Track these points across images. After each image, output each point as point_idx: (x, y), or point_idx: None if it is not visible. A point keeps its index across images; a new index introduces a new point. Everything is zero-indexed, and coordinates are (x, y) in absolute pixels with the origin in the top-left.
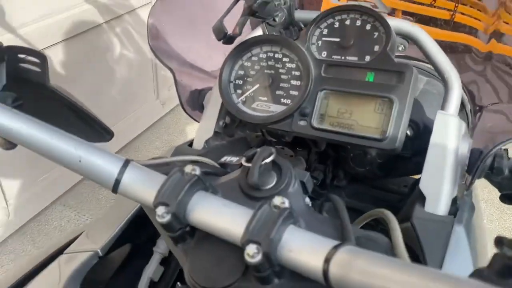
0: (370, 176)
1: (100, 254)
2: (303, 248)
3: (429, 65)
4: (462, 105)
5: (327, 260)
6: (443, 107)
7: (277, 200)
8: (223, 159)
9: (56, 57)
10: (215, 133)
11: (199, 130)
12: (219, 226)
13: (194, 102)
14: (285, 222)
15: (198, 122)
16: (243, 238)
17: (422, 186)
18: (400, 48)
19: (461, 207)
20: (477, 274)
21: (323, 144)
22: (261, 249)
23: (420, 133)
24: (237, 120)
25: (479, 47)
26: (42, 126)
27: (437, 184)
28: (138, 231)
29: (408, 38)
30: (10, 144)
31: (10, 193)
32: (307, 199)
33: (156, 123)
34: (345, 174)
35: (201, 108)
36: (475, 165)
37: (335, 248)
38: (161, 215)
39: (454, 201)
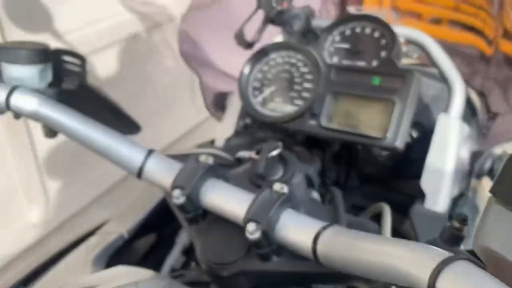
0: (381, 178)
1: (126, 236)
2: (297, 229)
3: None
4: (474, 111)
5: (315, 239)
6: (446, 109)
7: (277, 186)
8: (238, 155)
9: (97, 63)
10: (235, 132)
11: (220, 129)
12: (226, 209)
13: (218, 103)
14: (283, 205)
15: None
16: (245, 218)
17: (423, 183)
18: (415, 56)
19: (460, 206)
20: (430, 242)
21: (336, 145)
22: (260, 227)
23: (428, 136)
24: (258, 121)
25: (485, 49)
26: (80, 117)
27: (437, 182)
28: (162, 223)
29: (416, 45)
30: (52, 133)
31: (52, 192)
32: (315, 194)
33: (192, 129)
34: (358, 175)
35: (223, 108)
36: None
37: (324, 228)
38: (177, 196)
39: (455, 201)
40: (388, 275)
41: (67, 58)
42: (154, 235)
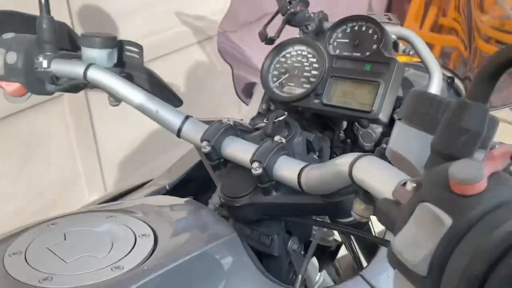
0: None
1: (167, 188)
2: (288, 167)
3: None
4: (459, 94)
5: (299, 173)
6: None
7: (277, 138)
8: (256, 125)
9: (155, 70)
10: (258, 113)
11: (247, 111)
12: (239, 157)
13: (247, 91)
14: (279, 151)
15: None
16: (251, 159)
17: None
18: (408, 51)
19: None
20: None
21: (341, 124)
22: (261, 166)
23: None
24: (275, 102)
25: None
26: (137, 89)
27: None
28: (197, 187)
29: (404, 40)
30: (117, 101)
31: (109, 182)
32: (315, 156)
33: None
34: (361, 151)
35: (251, 96)
36: None
37: (305, 166)
38: (204, 147)
39: None
40: (337, 179)
41: (128, 46)
42: (190, 198)
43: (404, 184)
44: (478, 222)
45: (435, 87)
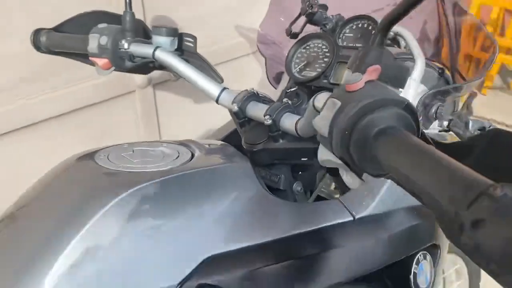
0: None
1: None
2: (289, 119)
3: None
4: (448, 82)
5: (296, 123)
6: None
7: (284, 100)
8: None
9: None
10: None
11: (275, 93)
12: (257, 114)
13: (277, 78)
14: (285, 109)
15: None
16: (264, 113)
17: None
18: (403, 45)
19: None
20: None
21: None
22: (271, 118)
23: None
24: (296, 83)
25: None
26: (190, 67)
27: None
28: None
29: (396, 34)
30: (176, 77)
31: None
32: None
33: None
34: None
35: (279, 82)
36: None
37: (300, 118)
38: (233, 107)
39: None
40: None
41: (186, 37)
42: None
43: None
44: (351, 103)
45: (418, 71)
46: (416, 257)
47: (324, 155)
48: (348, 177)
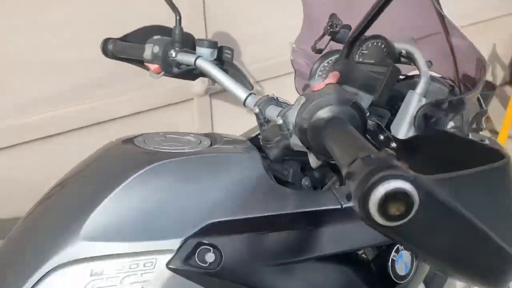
0: None
1: None
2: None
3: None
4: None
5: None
6: (414, 88)
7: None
8: None
9: (268, 88)
10: None
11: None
12: (273, 115)
13: (304, 88)
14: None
15: None
16: (278, 115)
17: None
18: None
19: None
20: None
21: None
22: (282, 119)
23: None
24: None
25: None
26: (225, 75)
27: (399, 129)
28: None
29: (406, 50)
30: (213, 83)
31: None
32: None
33: None
34: None
35: None
36: None
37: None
38: (255, 109)
39: None
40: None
41: (225, 50)
42: None
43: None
44: (311, 99)
45: (421, 85)
46: (397, 246)
47: (294, 139)
48: (311, 158)
